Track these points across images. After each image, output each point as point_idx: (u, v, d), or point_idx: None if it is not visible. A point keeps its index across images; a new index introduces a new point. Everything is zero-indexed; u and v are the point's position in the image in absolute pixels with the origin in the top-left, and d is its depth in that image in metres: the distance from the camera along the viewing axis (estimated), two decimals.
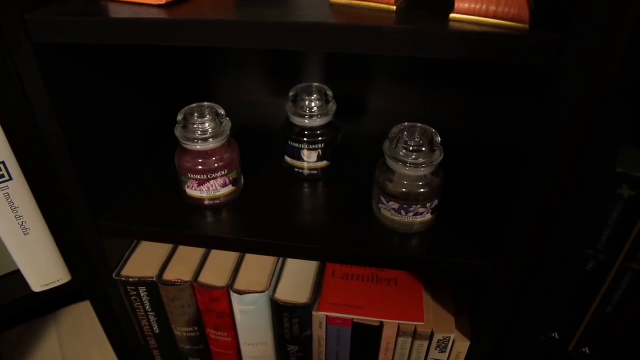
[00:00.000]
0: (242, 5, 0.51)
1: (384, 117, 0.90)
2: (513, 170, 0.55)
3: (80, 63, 0.59)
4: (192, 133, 0.62)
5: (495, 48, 0.43)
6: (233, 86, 0.96)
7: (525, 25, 0.43)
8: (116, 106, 0.68)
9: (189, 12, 0.49)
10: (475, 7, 0.44)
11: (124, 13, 0.50)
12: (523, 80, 0.55)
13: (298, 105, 0.69)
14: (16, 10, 0.49)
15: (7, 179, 0.62)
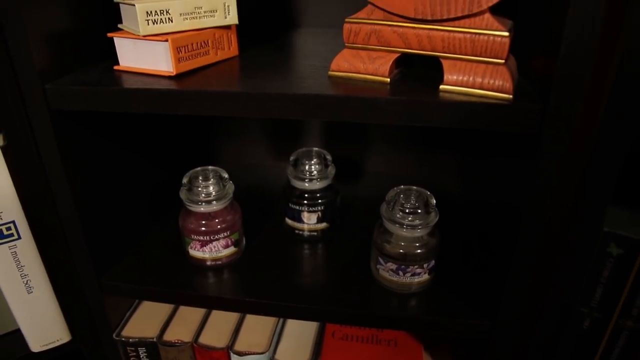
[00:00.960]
0: (246, 76, 0.55)
1: (382, 180, 0.93)
2: (507, 231, 0.57)
3: (93, 128, 0.63)
4: (196, 195, 0.65)
5: (482, 117, 0.46)
6: (236, 149, 1.00)
7: (509, 95, 0.46)
8: (124, 169, 0.71)
9: (197, 83, 0.53)
10: (462, 79, 0.48)
11: (137, 83, 0.54)
12: (515, 141, 0.58)
13: (298, 169, 0.72)
14: (38, 80, 0.53)
15: (15, 238, 0.64)
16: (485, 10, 0.45)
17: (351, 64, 0.52)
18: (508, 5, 0.47)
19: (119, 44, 0.58)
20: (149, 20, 0.54)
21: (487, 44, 0.46)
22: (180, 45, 0.55)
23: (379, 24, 0.50)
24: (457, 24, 0.47)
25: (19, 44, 0.51)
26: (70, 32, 0.58)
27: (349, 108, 0.48)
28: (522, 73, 0.53)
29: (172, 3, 0.54)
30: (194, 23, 0.57)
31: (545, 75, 0.46)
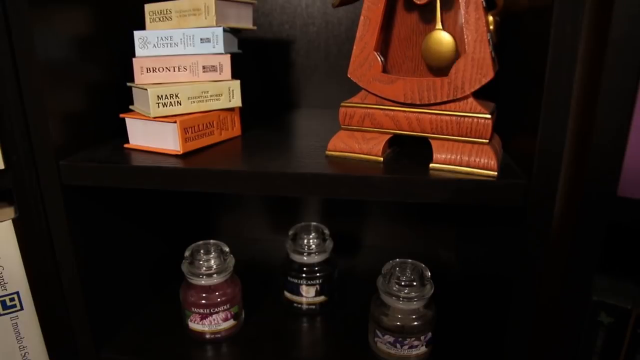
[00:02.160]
0: (249, 155, 0.58)
1: (378, 253, 0.95)
2: (502, 302, 0.59)
3: (101, 202, 0.66)
4: (198, 268, 0.66)
5: (469, 193, 0.49)
6: (236, 223, 1.02)
7: (494, 172, 0.49)
8: (127, 241, 0.73)
9: (203, 161, 0.57)
10: (450, 158, 0.51)
11: (146, 161, 0.57)
12: (507, 212, 0.60)
13: (297, 243, 0.74)
14: (53, 156, 0.57)
15: (18, 309, 0.65)
16: (468, 95, 0.50)
17: (347, 145, 0.56)
18: (490, 89, 0.51)
19: (130, 124, 0.62)
20: (159, 103, 0.58)
21: (472, 126, 0.50)
22: (188, 126, 0.59)
23: (372, 108, 0.54)
24: (443, 108, 0.51)
25: (38, 123, 0.55)
26: (85, 112, 0.62)
27: (345, 186, 0.51)
28: (507, 150, 0.57)
29: (182, 88, 0.59)
30: (201, 106, 0.61)
31: (527, 152, 0.49)
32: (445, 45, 0.50)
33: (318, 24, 0.87)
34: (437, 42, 0.50)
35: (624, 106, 0.43)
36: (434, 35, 0.50)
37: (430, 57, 0.51)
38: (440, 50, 0.50)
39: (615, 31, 0.42)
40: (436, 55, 0.50)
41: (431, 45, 0.50)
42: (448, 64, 0.50)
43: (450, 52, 0.49)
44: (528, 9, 0.52)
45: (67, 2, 0.58)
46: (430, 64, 0.52)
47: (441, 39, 0.50)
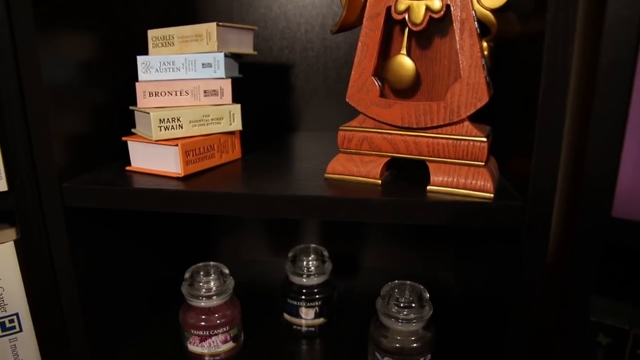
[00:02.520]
0: (248, 178, 0.59)
1: (378, 275, 0.95)
2: (500, 323, 0.59)
3: (101, 223, 0.66)
4: (197, 290, 0.67)
5: (466, 215, 0.50)
6: (235, 245, 1.03)
7: (490, 194, 0.50)
8: (127, 263, 0.74)
9: (203, 184, 0.57)
10: (447, 180, 0.52)
11: (147, 184, 0.58)
12: (506, 232, 0.61)
13: (296, 265, 0.74)
14: (56, 179, 0.58)
15: (17, 331, 0.65)
16: (464, 118, 0.51)
17: (345, 168, 0.57)
18: (486, 113, 0.52)
19: (132, 147, 0.63)
20: (161, 127, 0.59)
21: (468, 149, 0.51)
22: (189, 149, 0.60)
23: (370, 131, 0.55)
24: (440, 131, 0.52)
25: (42, 145, 0.56)
26: (88, 135, 0.63)
27: (344, 208, 0.52)
28: (504, 172, 0.58)
29: (183, 111, 0.60)
30: (202, 129, 0.62)
31: (523, 174, 0.50)
32: (407, 68, 0.52)
33: (317, 49, 0.89)
34: (399, 65, 0.52)
35: (615, 128, 0.44)
36: (397, 59, 0.52)
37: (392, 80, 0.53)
38: (402, 74, 0.52)
39: (605, 57, 0.43)
40: (398, 78, 0.53)
41: (395, 68, 0.53)
42: (408, 86, 0.52)
43: (410, 76, 0.52)
44: (521, 35, 0.53)
45: (72, 27, 0.59)
46: (393, 86, 0.54)
47: (403, 62, 0.52)
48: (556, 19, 0.44)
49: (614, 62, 0.43)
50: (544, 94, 0.46)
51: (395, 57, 0.52)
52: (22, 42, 0.53)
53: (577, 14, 0.44)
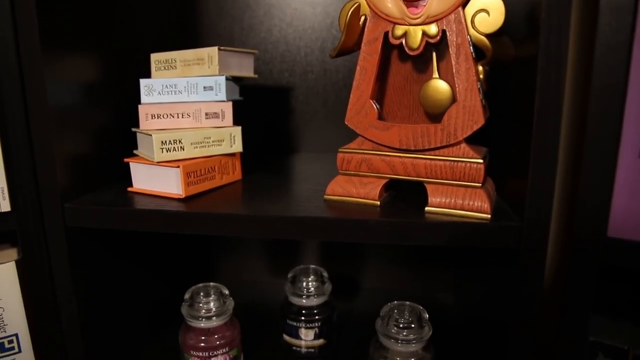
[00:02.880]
0: (249, 199, 0.60)
1: (377, 295, 0.95)
2: (500, 343, 0.59)
3: (103, 243, 0.67)
4: (197, 311, 0.67)
5: (464, 235, 0.50)
6: (235, 266, 1.03)
7: (487, 215, 0.51)
8: (127, 283, 0.74)
9: (204, 205, 0.58)
10: (445, 201, 0.53)
11: (149, 204, 0.58)
12: (504, 252, 0.62)
13: (296, 286, 0.75)
14: (59, 199, 0.58)
15: (16, 352, 0.64)
16: (461, 140, 0.52)
17: (344, 189, 0.58)
18: (483, 135, 0.53)
19: (134, 168, 0.64)
20: (163, 149, 0.60)
21: (465, 170, 0.52)
22: (190, 171, 0.60)
23: (369, 153, 0.56)
24: (437, 153, 0.53)
25: (46, 166, 0.57)
26: (91, 156, 0.64)
27: (343, 229, 0.52)
28: (501, 193, 0.58)
29: (185, 134, 0.61)
30: (203, 151, 0.63)
31: (519, 195, 0.51)
32: (442, 92, 0.52)
33: (316, 72, 0.90)
34: (434, 90, 0.53)
35: (609, 149, 0.45)
36: (432, 84, 0.53)
37: (428, 105, 0.54)
38: (437, 98, 0.53)
39: (597, 80, 0.44)
40: (433, 102, 0.53)
41: (429, 93, 0.53)
42: (445, 110, 0.52)
43: (447, 100, 0.52)
44: (515, 58, 0.54)
45: (77, 50, 0.61)
46: (428, 110, 0.54)
47: (438, 87, 0.52)
48: (548, 43, 0.45)
49: (606, 86, 0.44)
50: (538, 116, 0.47)
51: (429, 81, 0.53)
52: (28, 63, 0.55)
53: (569, 38, 0.45)
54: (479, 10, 0.50)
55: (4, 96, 0.55)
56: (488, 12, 0.50)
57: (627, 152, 0.46)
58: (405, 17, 0.52)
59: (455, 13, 0.50)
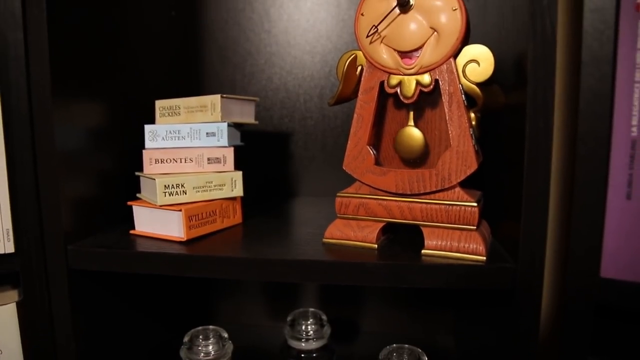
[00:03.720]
0: (249, 243, 0.61)
1: (377, 339, 0.94)
2: None
3: (103, 285, 0.67)
4: (196, 355, 0.67)
5: (460, 277, 0.51)
6: (234, 309, 1.03)
7: (482, 257, 0.52)
8: (126, 325, 0.74)
9: (205, 248, 0.59)
10: (441, 244, 0.54)
11: (151, 247, 0.59)
12: (502, 296, 0.62)
13: (295, 329, 0.75)
14: (62, 241, 0.59)
15: None
16: (455, 185, 0.53)
17: (343, 232, 0.59)
18: (477, 179, 0.55)
19: (137, 211, 0.66)
20: (166, 192, 0.62)
21: (460, 213, 0.53)
22: (192, 215, 0.62)
23: (366, 197, 0.57)
24: (432, 197, 0.54)
25: (51, 209, 0.58)
26: (95, 199, 0.66)
27: (341, 272, 0.53)
28: (496, 236, 0.60)
29: (187, 178, 0.63)
30: (205, 195, 0.65)
31: (513, 237, 0.52)
32: (416, 139, 0.56)
33: (315, 118, 0.93)
34: (408, 136, 0.56)
35: (598, 193, 0.47)
36: (406, 131, 0.56)
37: (402, 150, 0.57)
38: (411, 144, 0.56)
39: (582, 125, 0.46)
40: (408, 148, 0.56)
41: (403, 140, 0.56)
42: (418, 156, 0.56)
43: (420, 147, 0.55)
44: (506, 105, 0.57)
45: (85, 97, 0.63)
46: (403, 156, 0.57)
47: (412, 134, 0.56)
48: (536, 92, 0.48)
49: (592, 131, 0.46)
50: (528, 161, 0.49)
51: (403, 129, 0.56)
52: (39, 110, 0.57)
53: (555, 86, 0.47)
54: (470, 60, 0.53)
55: (14, 141, 0.57)
56: (478, 62, 0.53)
57: (616, 194, 0.47)
58: (399, 68, 0.55)
59: (447, 63, 0.53)
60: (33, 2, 0.55)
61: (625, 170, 0.47)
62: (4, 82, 0.56)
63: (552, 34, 0.47)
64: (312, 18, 0.91)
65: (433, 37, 0.53)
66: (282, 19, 0.92)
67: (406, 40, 0.53)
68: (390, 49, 0.55)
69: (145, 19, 0.80)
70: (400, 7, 0.53)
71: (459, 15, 0.51)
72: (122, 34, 0.72)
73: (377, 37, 0.55)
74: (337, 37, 0.91)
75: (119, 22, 0.71)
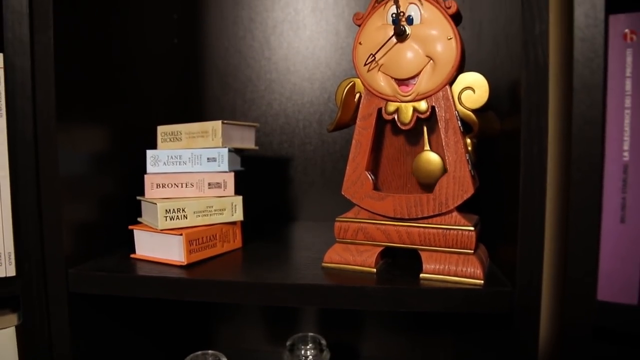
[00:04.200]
0: (249, 267, 0.61)
1: None
2: None
3: (102, 309, 0.67)
4: None
5: (458, 301, 0.52)
6: (233, 334, 1.02)
7: (480, 280, 0.52)
8: (126, 350, 0.74)
9: (205, 272, 0.60)
10: (439, 268, 0.55)
11: (151, 271, 0.60)
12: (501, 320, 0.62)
13: (294, 354, 0.75)
14: (63, 265, 0.60)
15: None
16: (452, 209, 0.54)
17: (342, 257, 0.60)
18: (474, 203, 0.56)
19: (138, 235, 0.66)
20: (167, 217, 0.62)
21: (457, 238, 0.54)
22: (192, 239, 0.62)
23: (365, 222, 0.58)
24: (430, 222, 0.55)
25: (53, 233, 0.59)
26: (96, 223, 0.66)
27: (341, 296, 0.54)
28: (494, 259, 0.60)
29: (188, 202, 0.64)
30: (205, 219, 0.65)
31: (511, 261, 0.53)
32: (434, 164, 0.56)
33: (315, 143, 0.94)
34: (426, 161, 0.56)
35: (592, 217, 0.47)
36: (424, 156, 0.56)
37: (420, 175, 0.57)
38: (430, 169, 0.56)
39: (575, 151, 0.47)
40: (426, 173, 0.56)
41: (421, 165, 0.56)
42: (437, 180, 0.55)
43: (438, 170, 0.55)
44: (501, 131, 0.58)
45: (88, 122, 0.64)
46: (422, 181, 0.57)
47: (430, 158, 0.56)
48: (529, 117, 0.49)
49: (584, 156, 0.47)
50: (523, 186, 0.49)
51: (421, 154, 0.57)
52: (43, 134, 0.58)
53: (548, 113, 0.49)
54: (465, 87, 0.54)
55: (18, 164, 0.58)
56: (473, 89, 0.54)
57: (610, 218, 0.48)
58: (397, 95, 0.56)
59: (443, 91, 0.54)
60: (41, 29, 0.57)
61: (619, 194, 0.48)
62: (11, 106, 0.57)
63: (545, 62, 0.48)
64: (311, 46, 0.94)
65: (429, 65, 0.54)
66: (282, 46, 0.94)
67: (403, 68, 0.55)
68: (387, 76, 0.56)
69: (148, 46, 0.81)
70: (397, 36, 0.54)
71: (454, 44, 0.53)
72: (125, 60, 0.73)
73: (374, 65, 0.56)
74: (335, 65, 0.93)
75: (123, 49, 0.73)
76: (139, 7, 0.78)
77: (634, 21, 0.46)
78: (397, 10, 0.54)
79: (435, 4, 0.54)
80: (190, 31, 0.96)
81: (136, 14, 0.77)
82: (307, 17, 0.94)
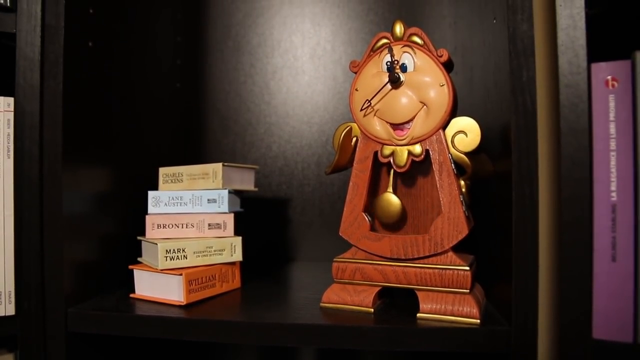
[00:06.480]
0: (247, 307, 0.62)
1: None
2: None
3: (99, 349, 0.67)
4: None
5: (455, 340, 0.52)
6: None
7: (476, 320, 0.53)
8: None
9: (204, 312, 0.60)
10: (435, 307, 0.55)
11: (150, 311, 0.60)
12: None
13: None
14: (63, 304, 0.60)
15: None
16: (448, 249, 0.55)
17: (339, 297, 0.60)
18: (470, 243, 0.57)
19: (138, 275, 0.67)
20: (167, 257, 0.63)
21: (453, 277, 0.55)
22: (192, 279, 0.63)
23: (362, 262, 0.59)
24: (426, 262, 0.56)
25: (54, 272, 0.60)
26: (97, 263, 0.67)
27: (339, 336, 0.54)
28: (490, 298, 0.61)
29: (188, 243, 0.65)
30: (205, 260, 0.66)
31: (506, 300, 0.53)
32: (394, 205, 0.58)
33: (313, 185, 0.96)
34: (387, 202, 0.59)
35: (584, 257, 0.49)
36: (385, 197, 0.59)
37: (380, 215, 0.59)
38: (390, 210, 0.58)
39: (565, 191, 0.48)
40: (386, 213, 0.59)
41: (382, 205, 0.59)
42: (395, 220, 0.58)
43: (397, 212, 0.58)
44: (494, 173, 0.60)
45: (92, 163, 0.66)
46: (381, 220, 0.60)
47: (390, 200, 0.58)
48: (520, 160, 0.51)
49: (574, 197, 0.48)
50: (516, 226, 0.51)
51: (382, 195, 0.59)
52: (49, 175, 0.59)
53: (538, 155, 0.50)
54: (458, 131, 0.56)
55: (23, 205, 0.59)
56: (466, 133, 0.56)
57: (601, 257, 0.49)
58: (392, 139, 0.58)
59: (437, 135, 0.56)
60: (51, 74, 0.59)
61: (609, 234, 0.49)
62: (19, 148, 0.59)
63: (533, 107, 0.51)
64: (309, 91, 0.97)
65: (423, 110, 0.56)
66: (282, 91, 0.97)
67: (398, 113, 0.57)
68: (383, 121, 0.58)
69: (150, 89, 0.84)
70: (391, 83, 0.57)
71: (446, 90, 0.55)
72: (129, 104, 0.76)
73: (370, 110, 0.59)
74: (333, 109, 0.96)
75: (127, 94, 0.75)
76: (143, 53, 0.81)
77: (615, 69, 0.49)
78: (391, 58, 0.57)
79: (427, 52, 0.57)
80: (192, 76, 0.99)
81: (140, 60, 0.80)
82: (306, 63, 0.97)
